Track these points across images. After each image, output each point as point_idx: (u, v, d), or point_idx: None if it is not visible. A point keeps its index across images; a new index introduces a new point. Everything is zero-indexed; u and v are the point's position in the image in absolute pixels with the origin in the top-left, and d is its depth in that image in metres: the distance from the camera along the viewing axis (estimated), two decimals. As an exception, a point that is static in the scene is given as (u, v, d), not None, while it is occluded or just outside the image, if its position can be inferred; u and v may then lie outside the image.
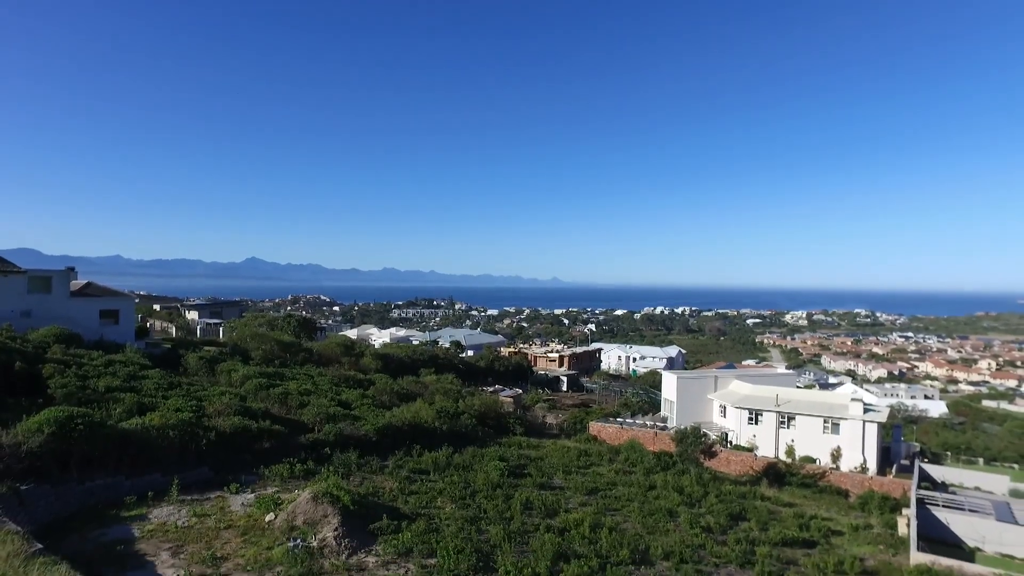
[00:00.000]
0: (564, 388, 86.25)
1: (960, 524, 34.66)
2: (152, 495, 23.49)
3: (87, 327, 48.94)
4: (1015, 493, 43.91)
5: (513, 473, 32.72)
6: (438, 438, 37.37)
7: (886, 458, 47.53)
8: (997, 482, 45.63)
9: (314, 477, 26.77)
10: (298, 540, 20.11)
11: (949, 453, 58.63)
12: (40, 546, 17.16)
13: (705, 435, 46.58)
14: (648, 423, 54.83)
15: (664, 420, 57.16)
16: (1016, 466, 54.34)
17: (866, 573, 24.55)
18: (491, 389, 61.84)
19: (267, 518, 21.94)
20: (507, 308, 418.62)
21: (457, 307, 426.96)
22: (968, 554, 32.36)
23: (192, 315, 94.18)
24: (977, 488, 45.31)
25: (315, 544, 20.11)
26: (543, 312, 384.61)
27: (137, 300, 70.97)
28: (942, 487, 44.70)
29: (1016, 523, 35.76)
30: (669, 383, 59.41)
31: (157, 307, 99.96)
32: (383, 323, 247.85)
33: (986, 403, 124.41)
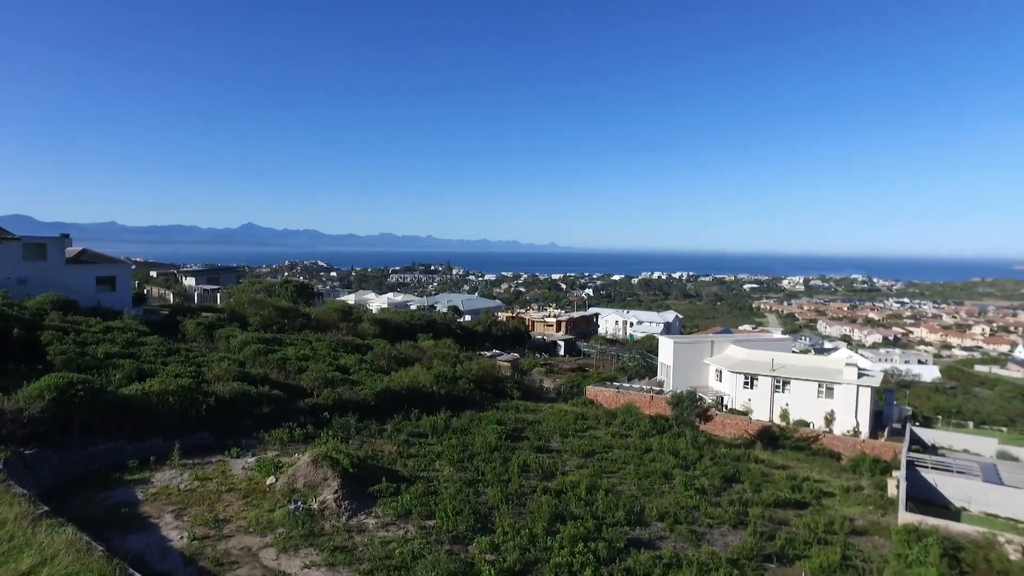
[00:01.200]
0: (561, 352, 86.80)
1: (948, 485, 35.37)
2: (154, 459, 23.81)
3: (84, 294, 48.85)
4: (1002, 455, 44.73)
5: (510, 436, 33.15)
6: (436, 402, 37.73)
7: (878, 422, 48.21)
8: (985, 445, 46.43)
9: (313, 441, 27.11)
10: (299, 502, 20.45)
11: (940, 417, 59.51)
12: (46, 508, 17.45)
13: (701, 399, 47.10)
14: (644, 387, 55.38)
15: (660, 384, 57.73)
16: (1005, 429, 55.24)
17: (855, 533, 25.12)
18: (489, 354, 62.22)
19: (268, 481, 22.27)
20: (504, 273, 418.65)
21: (455, 272, 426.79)
22: (955, 514, 33.10)
23: (189, 281, 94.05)
24: (966, 450, 46.12)
25: (315, 506, 20.47)
26: (541, 277, 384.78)
27: (133, 267, 70.74)
28: (932, 450, 45.48)
29: (1002, 484, 36.52)
30: (666, 348, 59.82)
31: (154, 274, 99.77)
32: (381, 288, 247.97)
33: (978, 368, 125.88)
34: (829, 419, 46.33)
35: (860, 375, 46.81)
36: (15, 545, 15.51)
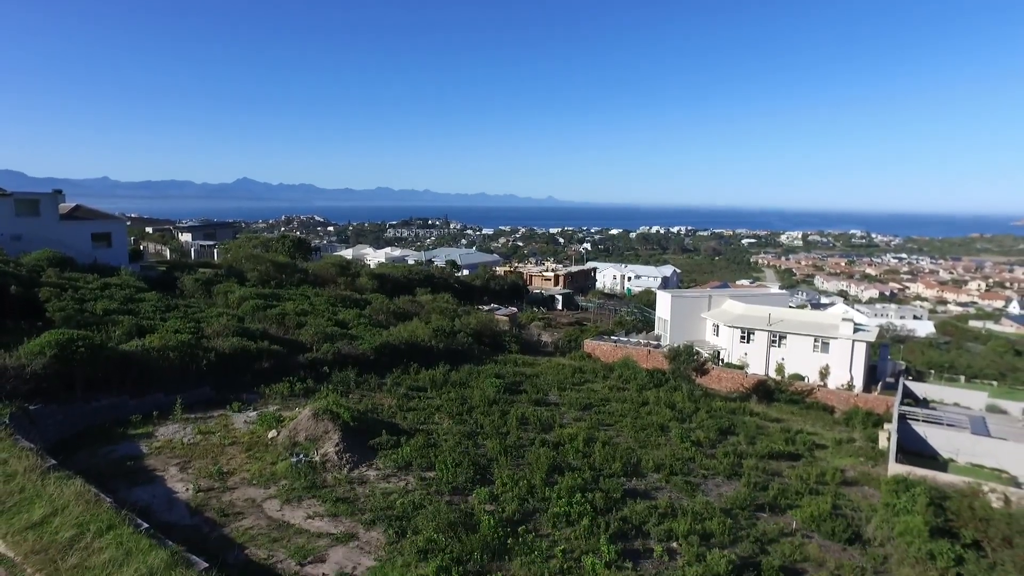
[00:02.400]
0: (559, 307, 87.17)
1: (937, 437, 36.06)
2: (157, 414, 24.10)
3: (80, 250, 48.59)
4: (991, 408, 45.50)
5: (509, 390, 33.54)
6: (435, 356, 38.03)
7: (872, 376, 48.82)
8: (975, 398, 47.16)
9: (314, 395, 27.40)
10: (300, 455, 20.80)
11: (933, 371, 60.26)
12: (53, 462, 17.73)
13: (698, 353, 47.53)
14: (642, 341, 55.82)
15: (658, 338, 58.18)
16: (995, 383, 56.03)
17: (846, 483, 25.72)
18: (487, 308, 62.43)
19: (269, 435, 22.59)
20: (502, 227, 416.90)
21: (452, 226, 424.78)
22: (943, 465, 33.85)
23: (185, 237, 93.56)
24: (956, 404, 46.86)
25: (317, 459, 20.82)
26: (539, 231, 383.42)
27: (128, 223, 70.20)
28: (924, 403, 46.20)
29: (989, 435, 37.26)
30: (663, 302, 60.06)
31: (149, 230, 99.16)
32: (378, 243, 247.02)
33: (972, 323, 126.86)
34: (824, 373, 46.88)
35: (856, 330, 47.16)
36: (26, 497, 15.82)
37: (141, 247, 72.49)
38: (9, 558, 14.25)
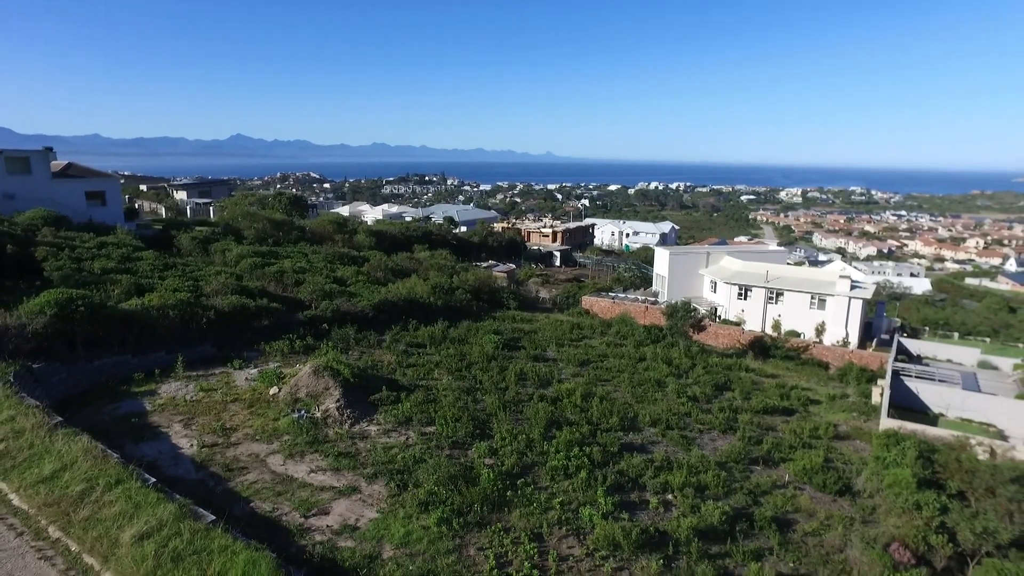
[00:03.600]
0: (557, 263, 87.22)
1: (929, 393, 36.64)
2: (159, 372, 24.33)
3: (74, 209, 48.18)
4: (982, 364, 46.09)
5: (507, 346, 33.83)
6: (433, 313, 38.22)
7: (868, 333, 49.25)
8: (968, 355, 47.71)
9: (314, 352, 27.62)
10: (302, 411, 21.10)
11: (928, 328, 60.75)
12: (60, 419, 17.98)
13: (695, 309, 47.78)
14: (640, 297, 56.07)
15: (655, 295, 58.44)
16: (988, 340, 56.60)
17: (839, 438, 26.24)
18: (485, 264, 62.49)
19: (271, 391, 22.87)
20: (500, 183, 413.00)
21: (449, 182, 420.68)
22: (933, 419, 34.50)
23: (180, 195, 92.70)
24: (949, 360, 47.44)
25: (318, 415, 21.13)
26: (536, 187, 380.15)
27: (122, 181, 69.48)
28: (917, 360, 46.77)
29: (979, 391, 37.87)
30: (661, 259, 60.07)
31: (144, 188, 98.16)
32: (375, 199, 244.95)
33: (969, 281, 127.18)
34: (820, 330, 47.28)
35: (853, 287, 47.34)
36: (35, 452, 16.11)
37: (136, 205, 71.93)
38: (23, 510, 14.61)
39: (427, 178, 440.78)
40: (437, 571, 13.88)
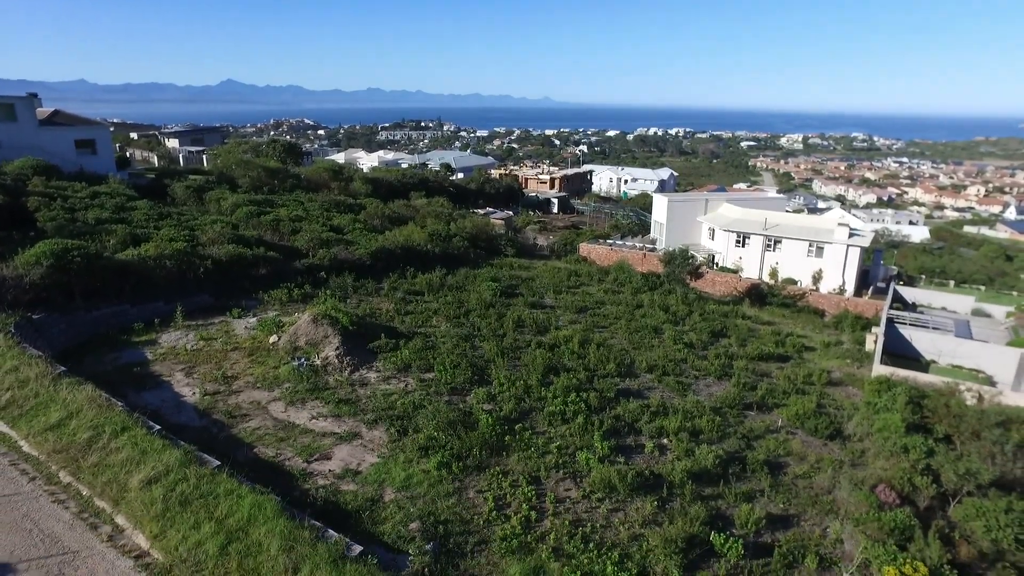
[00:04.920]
0: (555, 210, 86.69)
1: (921, 340, 37.04)
2: (158, 322, 24.46)
3: (64, 158, 47.34)
4: (976, 312, 46.49)
5: (505, 293, 33.96)
6: (431, 260, 38.21)
7: (864, 281, 49.40)
8: (962, 302, 48.05)
9: (312, 300, 27.70)
10: (302, 359, 21.32)
11: (924, 276, 60.98)
12: (63, 368, 18.17)
13: (693, 257, 47.77)
14: (638, 245, 55.99)
15: (653, 242, 58.35)
16: (983, 287, 56.90)
17: (832, 384, 26.66)
18: (482, 211, 62.09)
19: (270, 340, 23.04)
20: (497, 129, 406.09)
21: (446, 128, 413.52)
22: (924, 366, 35.01)
23: (172, 143, 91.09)
24: (944, 308, 47.79)
25: (318, 362, 21.37)
26: (534, 133, 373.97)
27: (112, 128, 67.98)
28: (912, 307, 47.10)
29: (971, 338, 38.30)
30: (660, 206, 59.70)
31: (134, 135, 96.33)
32: (370, 146, 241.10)
33: (968, 229, 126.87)
34: (817, 277, 47.43)
35: (851, 235, 47.23)
36: (41, 401, 16.35)
37: (127, 154, 70.81)
38: (34, 456, 14.94)
39: (423, 124, 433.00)
40: (437, 513, 14.31)
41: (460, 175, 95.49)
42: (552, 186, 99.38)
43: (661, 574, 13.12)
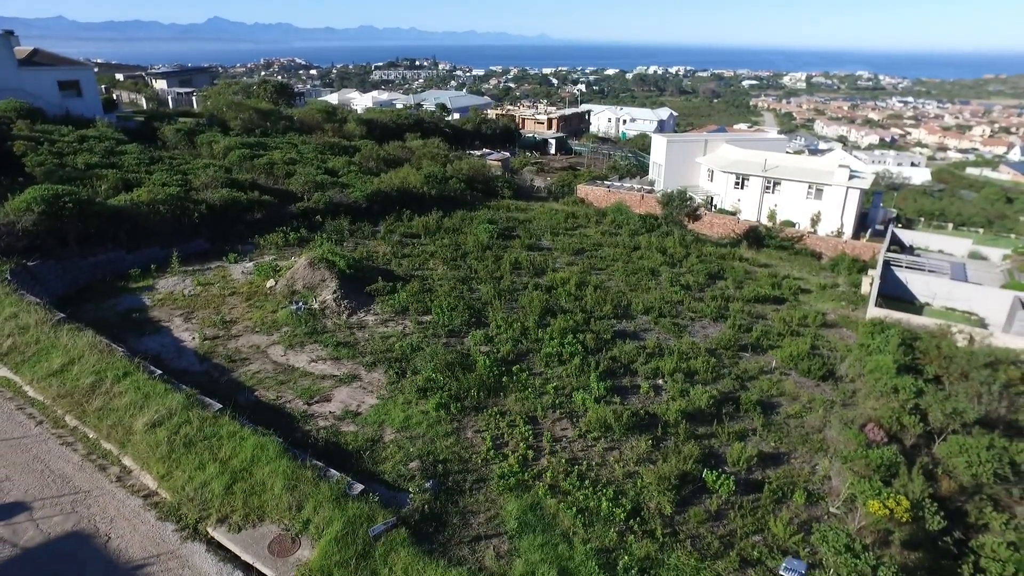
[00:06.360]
0: (552, 151, 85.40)
1: (917, 283, 37.16)
2: (155, 267, 24.41)
3: (47, 100, 46.06)
4: (973, 255, 46.48)
5: (502, 235, 33.84)
6: (427, 203, 37.89)
7: (862, 223, 49.18)
8: (960, 245, 47.96)
9: (308, 244, 27.66)
10: (300, 303, 21.41)
11: (923, 219, 60.71)
12: (62, 315, 18.23)
13: (691, 199, 47.37)
14: (636, 186, 55.42)
15: (652, 183, 57.74)
16: (981, 230, 56.76)
17: (826, 326, 26.93)
18: (478, 153, 61.13)
19: (268, 284, 23.08)
20: (493, 68, 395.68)
21: (441, 67, 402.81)
22: (919, 308, 35.27)
23: (160, 84, 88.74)
24: (941, 251, 47.76)
25: (316, 306, 21.47)
26: (531, 72, 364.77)
27: (96, 69, 65.99)
28: (910, 250, 47.05)
29: (966, 281, 38.45)
30: (658, 146, 58.79)
31: (120, 76, 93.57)
32: (364, 86, 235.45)
33: (970, 171, 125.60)
34: (815, 220, 47.21)
35: (850, 177, 46.73)
36: (42, 347, 16.47)
37: (114, 96, 68.98)
38: (40, 401, 15.17)
39: (418, 63, 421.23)
40: (436, 452, 14.68)
41: (456, 115, 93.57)
42: (549, 127, 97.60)
43: (654, 510, 13.57)
